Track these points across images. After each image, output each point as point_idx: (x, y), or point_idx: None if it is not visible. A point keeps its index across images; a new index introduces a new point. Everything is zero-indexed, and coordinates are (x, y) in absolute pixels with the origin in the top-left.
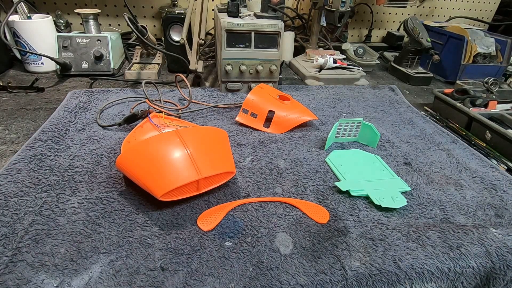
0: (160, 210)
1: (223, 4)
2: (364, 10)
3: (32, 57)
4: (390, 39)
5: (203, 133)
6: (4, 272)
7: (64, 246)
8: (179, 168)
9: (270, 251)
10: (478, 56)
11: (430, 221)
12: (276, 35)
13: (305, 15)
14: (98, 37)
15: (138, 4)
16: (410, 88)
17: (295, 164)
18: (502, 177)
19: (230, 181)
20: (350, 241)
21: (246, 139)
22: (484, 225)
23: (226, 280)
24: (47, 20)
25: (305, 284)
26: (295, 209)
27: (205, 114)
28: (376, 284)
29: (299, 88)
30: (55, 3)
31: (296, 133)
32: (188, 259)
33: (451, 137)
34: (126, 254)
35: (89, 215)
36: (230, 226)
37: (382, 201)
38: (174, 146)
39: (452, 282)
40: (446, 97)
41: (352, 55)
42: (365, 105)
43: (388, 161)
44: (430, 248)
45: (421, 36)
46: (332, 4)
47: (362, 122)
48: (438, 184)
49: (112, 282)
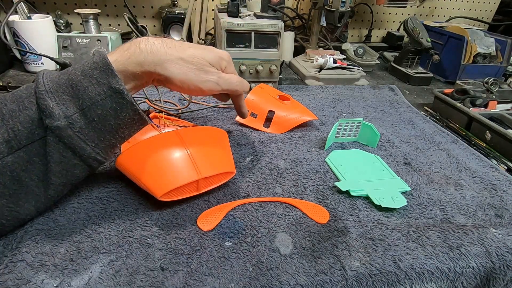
0: (160, 210)
1: (223, 4)
2: (364, 10)
3: (32, 57)
4: (390, 39)
5: (203, 133)
6: (4, 272)
7: (64, 246)
8: (179, 168)
9: (270, 251)
10: (478, 56)
11: (430, 221)
12: (276, 35)
13: (305, 15)
14: (98, 37)
15: (138, 4)
16: (410, 88)
17: (295, 164)
18: (502, 177)
19: (230, 181)
20: (350, 241)
21: (246, 139)
22: (484, 225)
23: (226, 280)
24: (47, 20)
25: (305, 284)
26: (295, 209)
27: (205, 114)
28: (376, 284)
29: (299, 88)
30: (55, 3)
31: (296, 133)
32: (188, 259)
33: (451, 137)
34: (126, 254)
35: (89, 215)
36: (230, 226)
37: (382, 201)
38: (174, 146)
39: (452, 282)
40: (446, 97)
41: (352, 55)
42: (365, 105)
43: (388, 161)
44: (430, 248)
45: (421, 36)
46: (332, 4)
47: (362, 122)
48: (438, 184)
49: (112, 282)
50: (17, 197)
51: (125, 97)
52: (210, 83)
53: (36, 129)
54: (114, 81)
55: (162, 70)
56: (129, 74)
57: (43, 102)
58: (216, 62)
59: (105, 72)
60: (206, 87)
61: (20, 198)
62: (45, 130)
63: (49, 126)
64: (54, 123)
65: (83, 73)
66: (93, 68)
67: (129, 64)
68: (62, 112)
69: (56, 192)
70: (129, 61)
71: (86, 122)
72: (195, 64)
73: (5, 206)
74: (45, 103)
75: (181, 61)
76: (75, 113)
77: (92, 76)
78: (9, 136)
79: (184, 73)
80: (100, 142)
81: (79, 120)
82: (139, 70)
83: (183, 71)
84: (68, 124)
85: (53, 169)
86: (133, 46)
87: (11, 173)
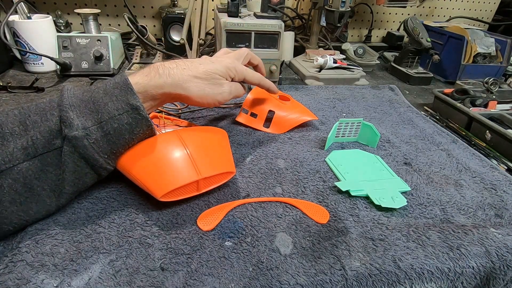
0: (160, 210)
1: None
2: (364, 10)
3: (32, 57)
4: (390, 39)
5: (203, 133)
6: (4, 272)
7: (64, 246)
8: (179, 169)
9: (270, 251)
10: (478, 56)
11: (430, 221)
12: (276, 35)
13: (305, 15)
14: (98, 37)
15: (138, 4)
16: (410, 88)
17: (295, 164)
18: (502, 177)
19: (230, 181)
20: (350, 241)
21: (246, 139)
22: (484, 225)
23: (226, 280)
24: (47, 20)
25: (305, 284)
26: (295, 209)
27: (205, 114)
28: (376, 284)
29: (299, 88)
30: (55, 3)
31: (296, 133)
32: (188, 259)
33: (451, 137)
34: (126, 254)
35: (89, 215)
36: (230, 226)
37: (382, 201)
38: (174, 146)
39: (452, 282)
40: (446, 97)
41: (352, 55)
42: (365, 105)
43: (388, 161)
44: (430, 248)
45: (421, 36)
46: (332, 4)
47: (362, 122)
48: (438, 184)
49: (112, 282)
50: (28, 205)
51: (141, 113)
52: (225, 93)
53: (53, 140)
54: (132, 98)
55: (182, 91)
56: (148, 95)
57: (65, 114)
58: (225, 74)
59: (125, 91)
60: (222, 98)
61: (31, 207)
62: (62, 141)
63: (67, 136)
64: (72, 133)
65: (105, 92)
66: (114, 88)
67: (149, 87)
68: (81, 124)
69: (67, 200)
70: (149, 85)
71: (102, 135)
72: (209, 80)
73: (15, 213)
74: (67, 115)
75: (196, 80)
76: (92, 126)
77: (113, 94)
78: (27, 144)
79: (202, 89)
80: (111, 154)
81: (96, 132)
82: (157, 92)
83: (200, 88)
84: (85, 135)
85: (67, 178)
86: (152, 72)
87: (24, 180)
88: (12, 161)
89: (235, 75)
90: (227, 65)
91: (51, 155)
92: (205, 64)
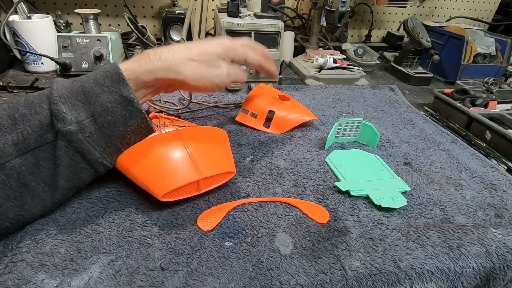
0: (160, 210)
1: (223, 4)
2: (364, 10)
3: (32, 57)
4: (390, 39)
5: (203, 133)
6: (4, 272)
7: (64, 246)
8: (179, 168)
9: (270, 251)
10: (478, 56)
11: (430, 221)
12: (276, 35)
13: (305, 15)
14: (98, 37)
15: (138, 4)
16: (410, 88)
17: (295, 164)
18: (502, 177)
19: (230, 181)
20: (350, 241)
21: (246, 139)
22: (484, 225)
23: (226, 280)
24: (47, 20)
25: (305, 284)
26: (295, 209)
27: (205, 114)
28: (376, 284)
29: (299, 88)
30: (55, 3)
31: (296, 133)
32: (188, 259)
33: (451, 137)
34: (126, 254)
35: (89, 215)
36: (230, 226)
37: (382, 201)
38: (174, 146)
39: (452, 282)
40: (446, 97)
41: (352, 55)
42: (365, 105)
43: (388, 161)
44: (430, 248)
45: (421, 36)
46: (332, 4)
47: (362, 122)
48: (438, 184)
49: (112, 282)
50: (23, 201)
51: (134, 105)
52: (222, 76)
53: (45, 134)
54: (125, 90)
55: (175, 74)
56: (140, 82)
57: (56, 107)
58: (223, 54)
59: (116, 81)
60: (219, 81)
61: (26, 202)
62: (54, 135)
63: (61, 130)
64: (66, 128)
65: (95, 81)
66: (105, 77)
67: (140, 73)
68: (74, 117)
69: (63, 196)
70: (140, 70)
71: (96, 128)
72: (205, 61)
73: (10, 209)
74: (58, 108)
75: (191, 62)
76: (86, 119)
77: (104, 84)
78: (18, 139)
79: (197, 72)
80: (107, 147)
81: (90, 125)
82: (150, 78)
83: (195, 70)
84: (79, 129)
85: (62, 172)
86: (143, 57)
87: (17, 175)
88: (4, 157)
89: (235, 56)
90: (225, 45)
91: (44, 150)
92: (200, 45)
